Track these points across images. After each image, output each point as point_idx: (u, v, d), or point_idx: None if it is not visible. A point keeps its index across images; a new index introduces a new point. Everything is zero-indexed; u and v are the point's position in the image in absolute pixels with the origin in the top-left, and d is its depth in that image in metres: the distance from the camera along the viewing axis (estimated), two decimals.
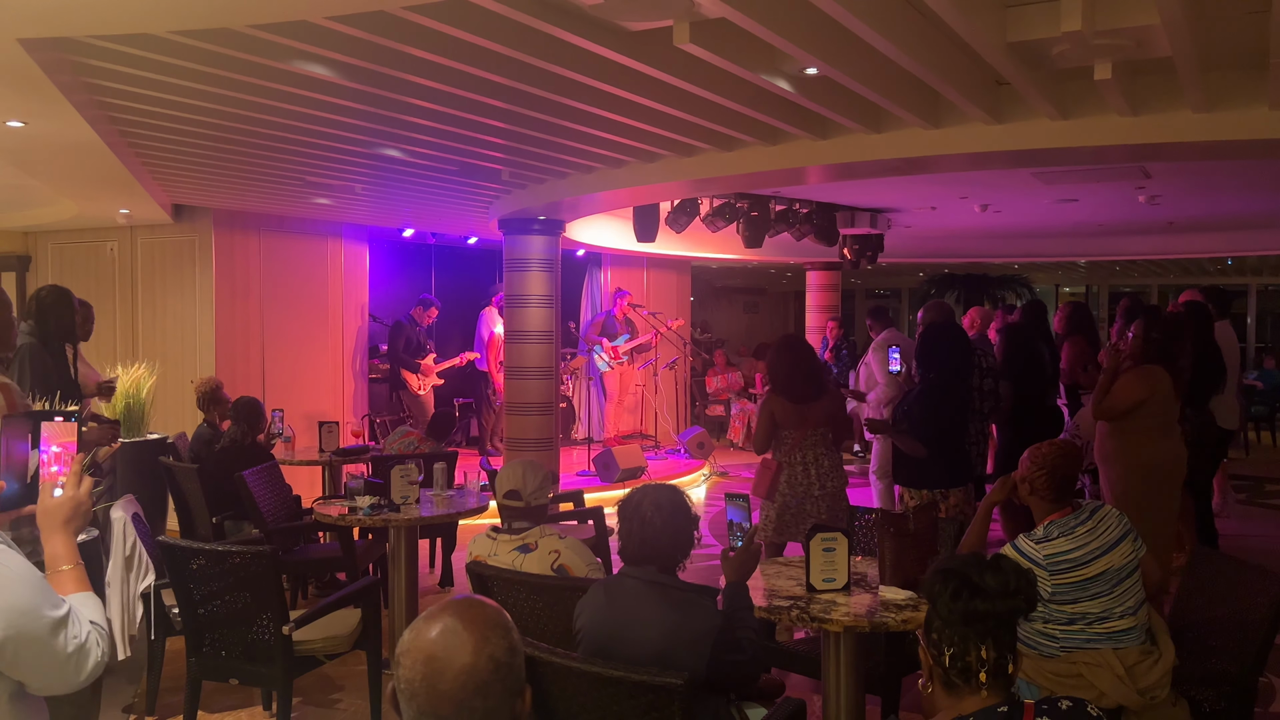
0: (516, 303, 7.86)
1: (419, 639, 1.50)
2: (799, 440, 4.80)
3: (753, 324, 20.67)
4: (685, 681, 2.46)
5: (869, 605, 3.28)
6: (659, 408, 12.07)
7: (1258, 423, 12.27)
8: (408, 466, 4.89)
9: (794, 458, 4.81)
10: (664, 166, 5.98)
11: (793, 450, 4.81)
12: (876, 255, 10.12)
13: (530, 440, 7.77)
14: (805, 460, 4.81)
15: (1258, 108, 4.51)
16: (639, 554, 2.77)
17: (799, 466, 4.81)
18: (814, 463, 4.81)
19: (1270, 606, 3.23)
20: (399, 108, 4.56)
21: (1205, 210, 9.68)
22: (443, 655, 1.48)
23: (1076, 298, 21.51)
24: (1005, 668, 1.93)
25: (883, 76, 4.20)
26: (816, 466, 4.81)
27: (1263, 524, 8.02)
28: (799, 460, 4.81)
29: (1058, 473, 3.26)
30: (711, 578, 3.47)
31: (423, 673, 1.48)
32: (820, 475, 4.81)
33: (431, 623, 1.52)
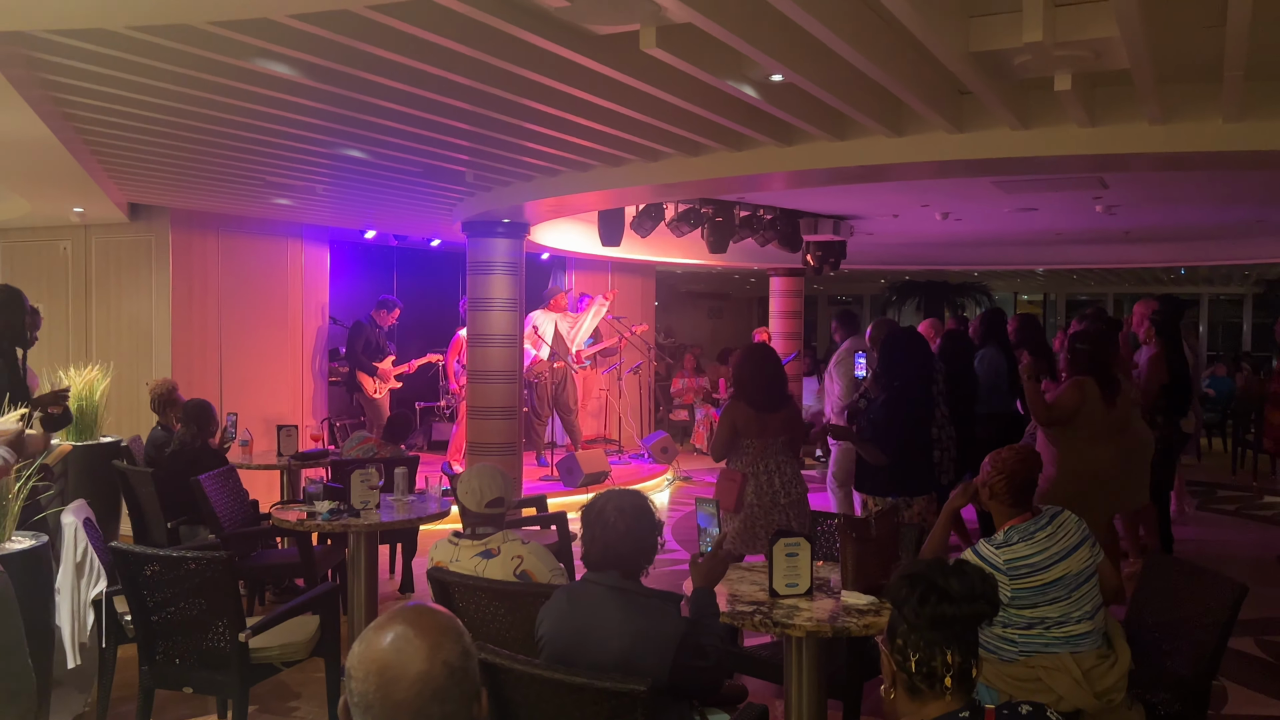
0: (480, 306, 7.80)
1: (370, 650, 1.47)
2: (761, 449, 4.79)
3: (717, 329, 20.72)
4: (648, 688, 2.45)
5: (831, 610, 3.29)
6: (623, 412, 12.05)
7: (1209, 429, 12.51)
8: (368, 471, 4.84)
9: (758, 467, 4.79)
10: (629, 171, 5.97)
11: (756, 460, 4.79)
12: (839, 262, 10.19)
13: (494, 445, 7.72)
14: (769, 469, 4.79)
15: (1213, 120, 4.59)
16: (603, 559, 2.76)
17: (764, 476, 4.79)
18: (777, 471, 4.79)
19: (1223, 611, 3.28)
20: (362, 108, 4.51)
21: (1160, 220, 9.87)
22: (396, 664, 1.45)
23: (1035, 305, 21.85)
24: (969, 672, 1.94)
25: (847, 84, 4.22)
26: (780, 475, 4.79)
27: (1217, 529, 8.18)
28: (763, 469, 4.79)
29: (1017, 478, 3.30)
30: (676, 583, 3.46)
31: (376, 683, 1.45)
32: (785, 483, 4.79)
33: (382, 632, 1.49)
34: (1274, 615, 5.76)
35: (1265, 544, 7.47)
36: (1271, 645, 5.28)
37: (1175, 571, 3.72)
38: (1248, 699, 4.58)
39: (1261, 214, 9.40)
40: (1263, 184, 7.60)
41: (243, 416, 7.36)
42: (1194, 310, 20.87)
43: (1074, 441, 5.20)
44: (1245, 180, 7.40)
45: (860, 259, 11.66)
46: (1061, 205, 8.55)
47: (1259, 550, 7.31)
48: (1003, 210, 8.82)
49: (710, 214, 8.26)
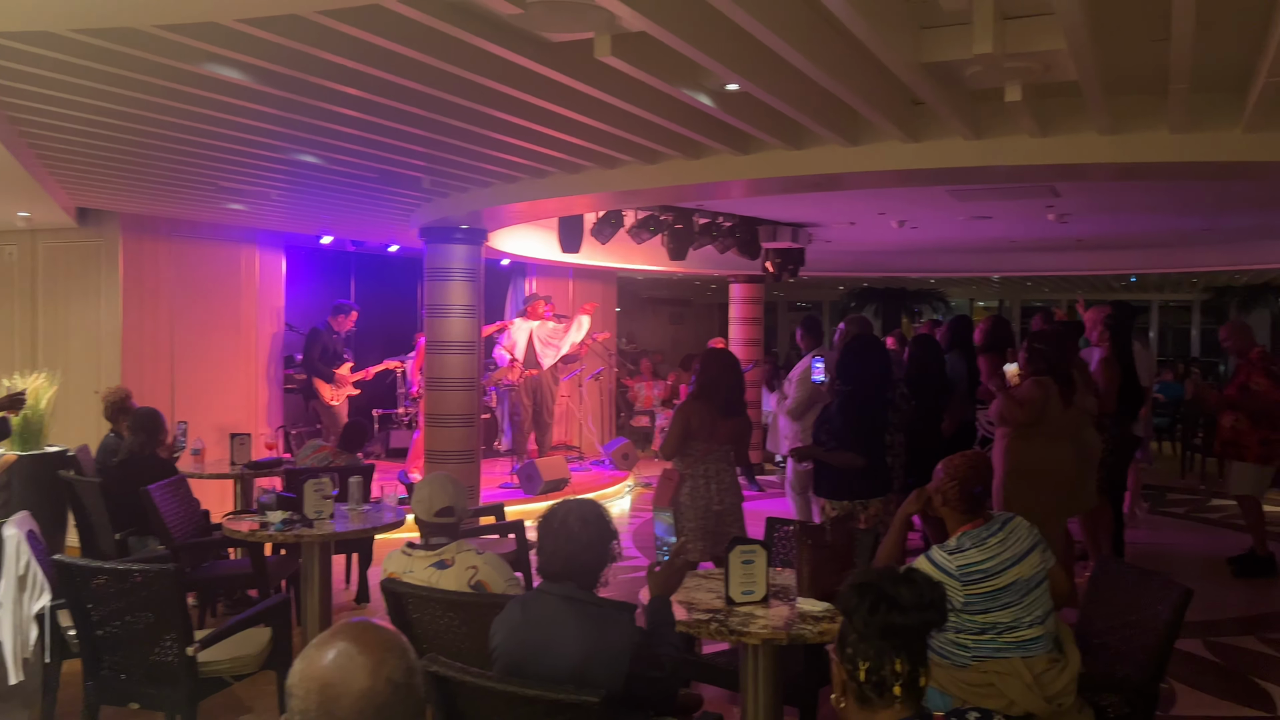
0: (437, 312, 7.75)
1: (311, 667, 1.45)
2: (705, 453, 4.81)
3: (678, 335, 20.77)
4: (602, 699, 2.43)
5: (787, 617, 3.30)
6: (584, 419, 12.03)
7: (1159, 433, 12.74)
8: (321, 480, 4.78)
9: (697, 470, 4.80)
10: (587, 178, 5.96)
11: (697, 463, 4.80)
12: (798, 269, 10.26)
13: (452, 453, 7.66)
14: (708, 473, 4.81)
15: (1160, 131, 4.68)
16: (564, 570, 2.74)
17: (701, 479, 4.80)
18: (714, 477, 4.81)
19: (1170, 614, 3.33)
20: (316, 113, 4.46)
21: (1111, 229, 10.05)
22: (338, 681, 1.43)
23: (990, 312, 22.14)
24: (917, 680, 1.95)
25: (802, 94, 4.25)
26: (717, 481, 4.81)
27: (1167, 532, 8.33)
28: (701, 473, 4.80)
29: (969, 484, 3.33)
30: (635, 590, 3.45)
31: (318, 701, 1.42)
32: (720, 490, 4.81)
33: (324, 649, 1.46)
34: (1222, 617, 5.88)
35: (1214, 546, 7.61)
36: (1219, 646, 5.39)
37: (1124, 575, 3.78)
38: (1196, 700, 4.66)
39: (1209, 223, 9.61)
40: (1210, 194, 7.76)
41: (196, 425, 7.25)
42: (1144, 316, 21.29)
43: (1033, 441, 5.22)
44: (1193, 190, 7.55)
45: (819, 266, 11.75)
46: (1015, 213, 8.67)
47: (1208, 552, 7.45)
48: (958, 218, 8.93)
49: (670, 221, 8.28)
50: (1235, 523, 7.91)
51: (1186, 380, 12.40)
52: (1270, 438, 6.72)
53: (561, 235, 8.13)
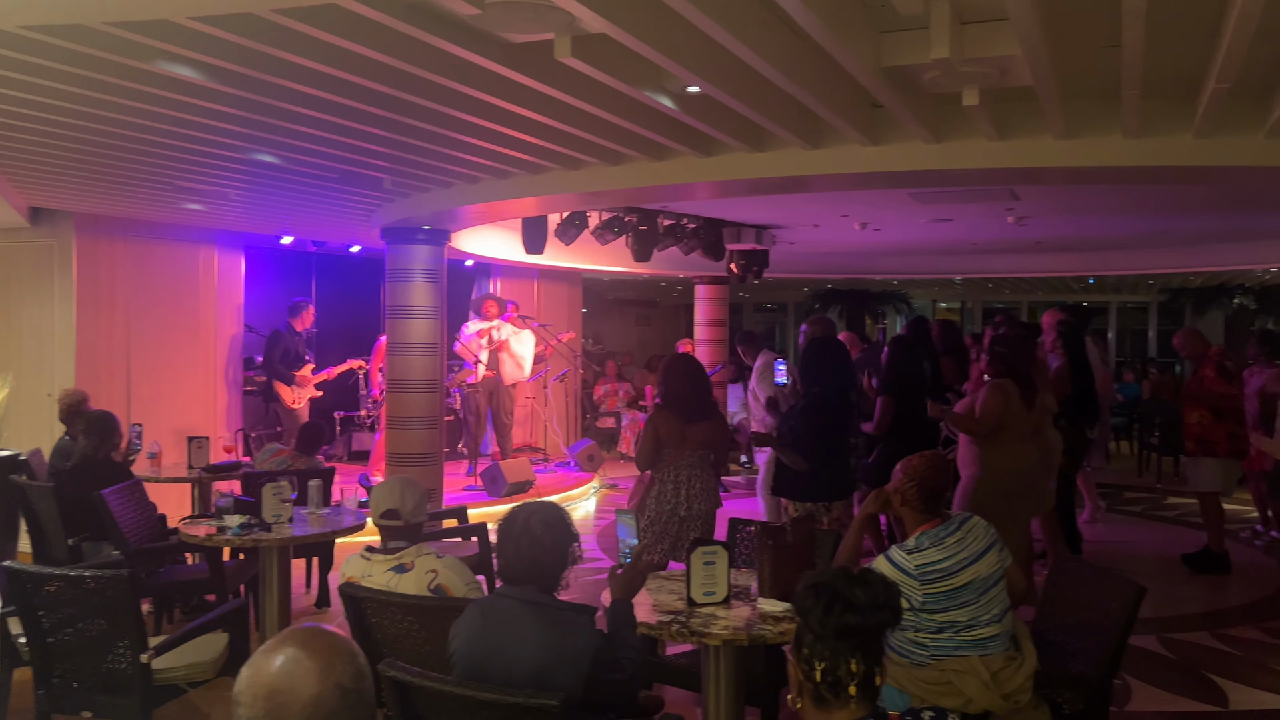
0: (399, 313, 7.69)
1: (259, 674, 1.43)
2: (675, 459, 4.79)
3: (645, 336, 20.79)
4: (561, 702, 2.42)
5: (748, 618, 3.31)
6: (549, 420, 12.00)
7: (1117, 433, 12.94)
8: (280, 484, 4.73)
9: (665, 475, 4.79)
10: (550, 179, 5.95)
11: (667, 468, 4.79)
12: (762, 270, 10.31)
13: (414, 455, 7.60)
14: (676, 479, 4.78)
15: (1113, 136, 4.76)
16: (525, 573, 2.72)
17: (669, 484, 4.78)
18: (685, 483, 4.78)
19: (1124, 611, 3.39)
20: (274, 113, 4.41)
21: (1070, 231, 10.19)
22: (286, 688, 1.41)
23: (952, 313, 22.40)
24: (873, 680, 1.96)
25: (763, 97, 4.27)
26: (687, 487, 4.78)
27: (1124, 530, 8.46)
28: (670, 479, 4.79)
29: (928, 484, 3.36)
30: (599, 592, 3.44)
31: (265, 708, 1.40)
32: (689, 496, 4.77)
33: (271, 655, 1.45)
34: (1177, 614, 5.98)
35: (1169, 543, 7.74)
36: (1173, 642, 5.48)
37: (1080, 573, 3.83)
38: (1150, 695, 4.74)
39: (1164, 225, 9.78)
40: (1164, 197, 7.90)
41: (153, 428, 7.14)
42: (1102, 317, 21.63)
43: (999, 444, 5.26)
44: (1148, 193, 7.68)
45: (783, 268, 11.82)
46: (975, 216, 8.77)
47: (1163, 550, 7.58)
48: (919, 221, 9.02)
49: (634, 222, 8.28)
50: (1191, 520, 8.06)
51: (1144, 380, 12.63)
52: (1236, 432, 6.84)
53: (525, 236, 8.11)
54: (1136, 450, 12.42)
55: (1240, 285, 18.50)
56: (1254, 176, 5.36)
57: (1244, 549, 7.62)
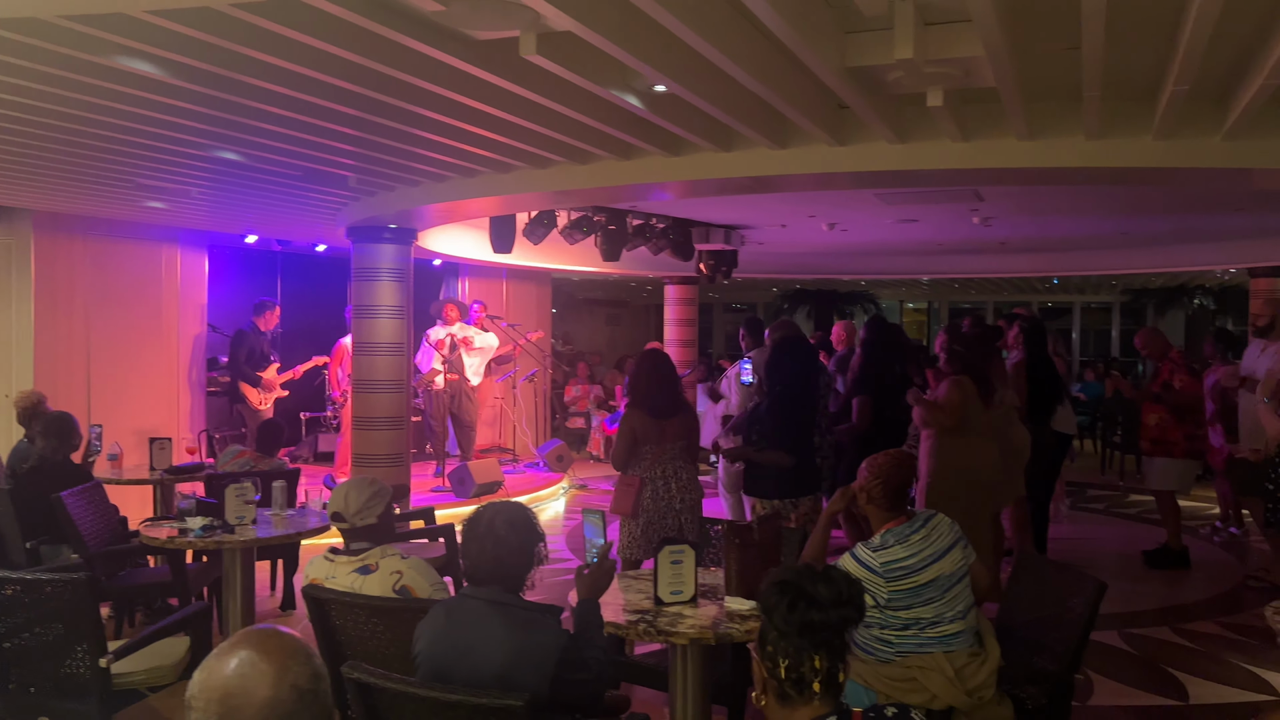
0: (365, 313, 7.62)
1: (212, 677, 1.41)
2: (659, 455, 4.82)
3: (614, 336, 20.78)
4: (526, 702, 2.41)
5: (715, 616, 3.31)
6: (518, 421, 11.96)
7: (1081, 432, 13.11)
8: (243, 485, 4.68)
9: (655, 473, 4.81)
10: (518, 178, 5.93)
11: (653, 465, 4.82)
12: (731, 271, 10.33)
13: (380, 456, 7.54)
14: (665, 475, 4.82)
15: (1075, 137, 4.81)
16: (490, 573, 2.71)
17: (660, 481, 4.81)
18: (674, 476, 4.83)
19: (1085, 606, 3.43)
20: (236, 109, 4.36)
21: (1033, 232, 10.31)
22: (240, 691, 1.39)
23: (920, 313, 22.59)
24: (836, 676, 1.97)
25: (730, 97, 4.27)
26: (676, 480, 4.83)
27: (1087, 527, 8.57)
28: (660, 475, 4.82)
29: (892, 482, 3.38)
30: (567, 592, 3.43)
31: (219, 712, 1.38)
32: (680, 489, 4.83)
33: (225, 658, 1.43)
34: (1138, 609, 6.06)
35: (1131, 540, 7.85)
36: (1134, 638, 5.55)
37: (1043, 570, 3.88)
38: (1112, 690, 4.80)
39: (1126, 227, 9.91)
40: (1125, 198, 8.01)
41: (114, 429, 7.04)
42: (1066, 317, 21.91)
43: (956, 441, 5.35)
44: (1110, 194, 7.79)
45: (752, 268, 11.85)
46: (941, 217, 8.85)
47: (1125, 547, 7.68)
48: (886, 221, 9.08)
49: (603, 222, 8.27)
50: (1152, 517, 8.17)
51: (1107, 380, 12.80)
52: (1195, 433, 6.95)
53: (493, 235, 8.07)
54: (1099, 448, 12.59)
55: (1200, 286, 18.81)
56: (1212, 178, 5.46)
57: (1204, 545, 7.74)
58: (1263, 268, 10.98)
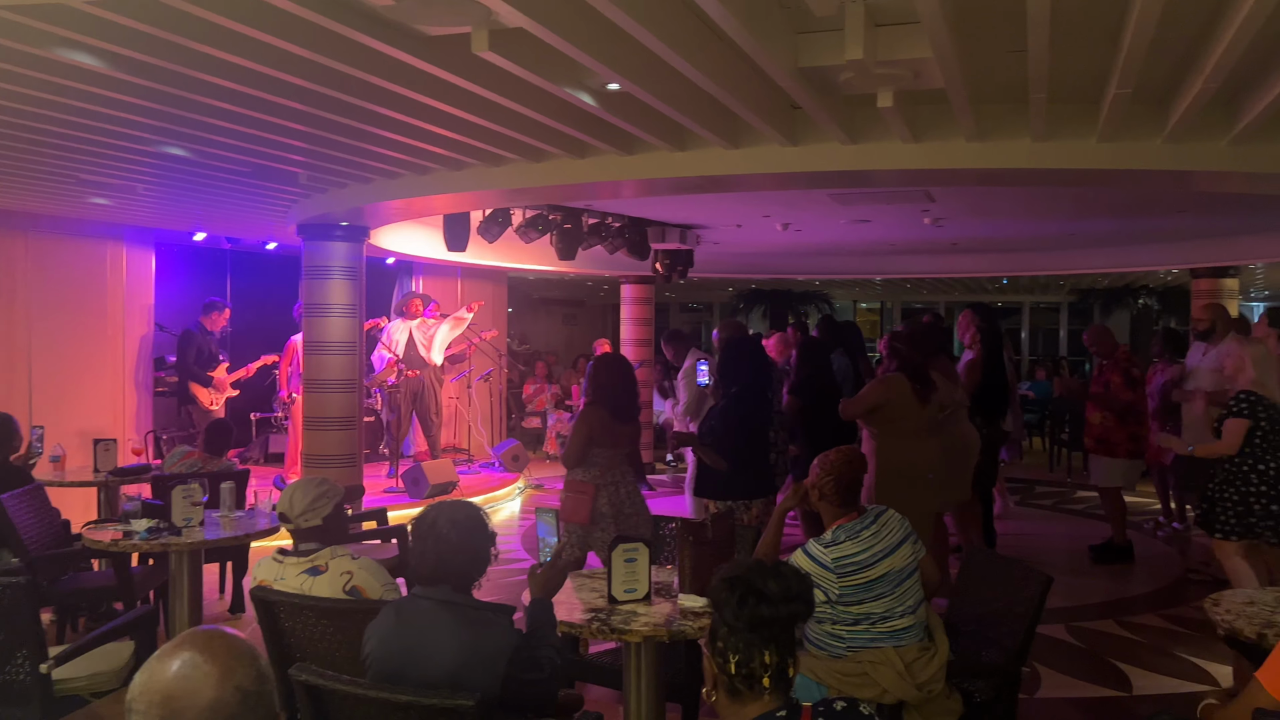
0: (316, 311, 7.52)
1: (153, 679, 1.38)
2: (610, 459, 4.81)
3: (571, 335, 20.73)
4: (477, 702, 2.40)
5: (668, 614, 3.31)
6: (473, 420, 11.88)
7: (1029, 429, 13.33)
8: (190, 486, 4.60)
9: (607, 477, 4.81)
10: (472, 175, 5.89)
11: (606, 470, 4.81)
12: (687, 270, 10.35)
13: (332, 457, 7.45)
14: (615, 479, 4.82)
15: (1022, 139, 4.90)
16: (435, 574, 2.69)
17: (612, 486, 4.81)
18: (623, 481, 4.84)
19: (1032, 600, 3.48)
20: (182, 104, 4.28)
21: (984, 233, 10.46)
22: (182, 693, 1.37)
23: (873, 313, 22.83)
24: (786, 671, 1.98)
25: (684, 96, 4.28)
26: (625, 485, 4.84)
27: (1036, 523, 8.72)
28: (611, 480, 4.81)
29: (844, 479, 3.41)
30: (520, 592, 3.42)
31: (160, 715, 1.35)
32: (629, 493, 4.84)
33: (167, 660, 1.40)
34: (1084, 603, 6.18)
35: (1078, 536, 8.00)
36: (1080, 631, 5.66)
37: (991, 565, 3.93)
38: (1059, 682, 4.89)
39: (1074, 227, 10.10)
40: (1073, 200, 8.16)
41: (56, 430, 6.88)
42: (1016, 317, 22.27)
43: (892, 438, 5.45)
44: (1058, 196, 7.92)
45: (708, 268, 11.89)
46: (893, 217, 8.94)
47: (1072, 542, 7.82)
48: (839, 222, 9.15)
49: (558, 220, 8.24)
50: (1098, 513, 8.34)
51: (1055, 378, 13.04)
52: (1138, 433, 7.10)
53: (447, 233, 8.00)
54: (1048, 446, 12.81)
55: (1144, 286, 19.22)
56: (1154, 180, 5.58)
57: (1148, 540, 7.91)
58: (1204, 268, 11.25)
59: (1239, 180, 5.39)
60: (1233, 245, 10.51)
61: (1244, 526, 5.00)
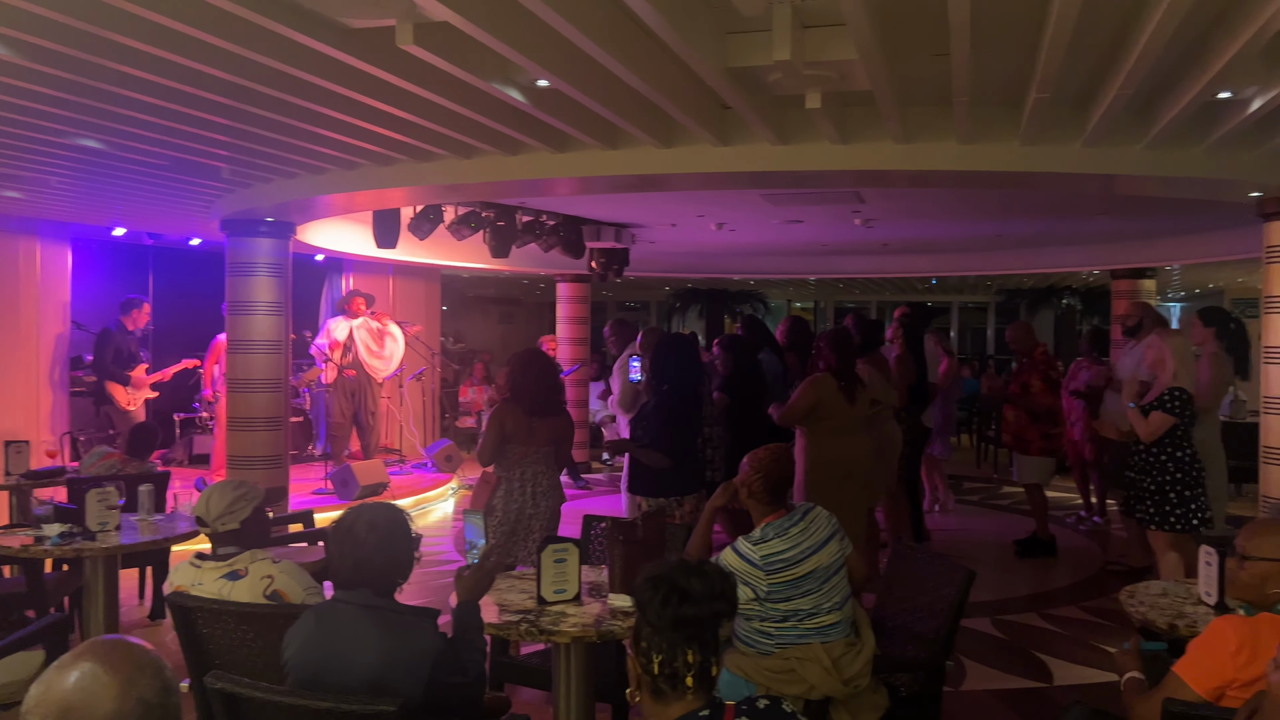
0: (241, 309, 7.34)
1: (50, 691, 1.32)
2: (522, 456, 4.76)
3: (508, 334, 20.58)
4: (399, 707, 2.36)
5: (598, 614, 3.30)
6: (405, 421, 11.72)
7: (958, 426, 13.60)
8: (106, 489, 4.45)
9: (513, 474, 4.75)
10: (400, 171, 5.80)
11: (513, 466, 4.75)
12: (623, 269, 10.34)
13: (257, 458, 7.28)
14: (524, 477, 4.75)
15: (948, 141, 4.98)
16: (353, 577, 2.64)
17: (516, 483, 4.75)
18: (531, 480, 4.76)
19: (955, 595, 3.54)
20: (97, 95, 4.15)
21: (913, 234, 10.64)
22: (81, 705, 1.31)
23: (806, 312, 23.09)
24: (709, 670, 1.97)
25: (614, 94, 4.27)
26: (534, 485, 4.76)
27: (963, 518, 8.89)
28: (517, 477, 4.75)
29: (772, 476, 3.43)
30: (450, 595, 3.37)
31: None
32: (536, 494, 4.75)
33: (66, 671, 1.34)
34: (1009, 596, 6.32)
35: (1004, 531, 8.18)
36: (1004, 623, 5.79)
37: (916, 560, 3.99)
38: (983, 674, 4.99)
39: (1000, 229, 10.32)
40: (998, 202, 8.34)
41: None
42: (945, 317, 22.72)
43: (821, 436, 5.51)
44: (984, 197, 8.09)
45: (644, 267, 11.90)
46: (825, 218, 9.05)
47: (998, 537, 8.00)
48: (772, 222, 9.23)
49: (491, 218, 8.16)
50: (1023, 508, 8.53)
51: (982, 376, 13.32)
52: (1050, 432, 7.30)
53: (376, 230, 7.88)
54: (975, 442, 13.08)
55: (1068, 287, 19.76)
56: (1075, 183, 5.73)
57: (1070, 534, 8.12)
58: (1124, 269, 11.60)
59: (1155, 184, 5.57)
60: (1151, 247, 10.86)
61: (1161, 515, 5.15)
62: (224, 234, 7.37)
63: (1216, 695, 2.40)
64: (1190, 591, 3.51)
